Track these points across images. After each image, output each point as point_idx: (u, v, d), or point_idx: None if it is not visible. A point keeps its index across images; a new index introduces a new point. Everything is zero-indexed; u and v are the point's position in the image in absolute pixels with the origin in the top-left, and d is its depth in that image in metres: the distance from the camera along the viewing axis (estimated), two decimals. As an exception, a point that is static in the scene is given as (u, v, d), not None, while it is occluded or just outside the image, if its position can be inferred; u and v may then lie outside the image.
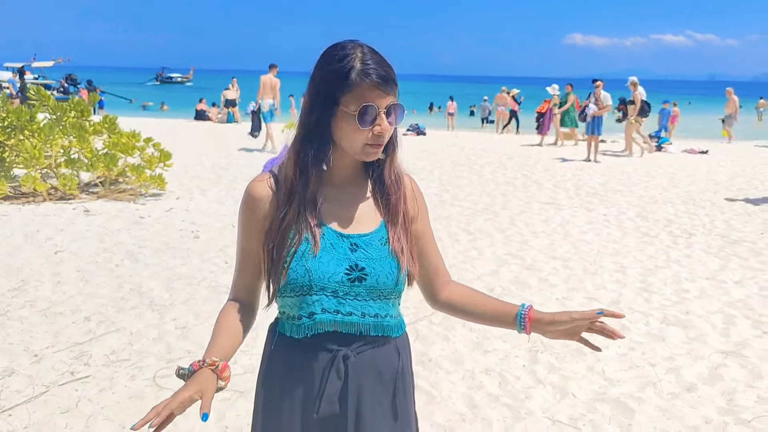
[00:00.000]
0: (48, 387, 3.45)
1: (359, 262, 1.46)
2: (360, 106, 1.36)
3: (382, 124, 1.38)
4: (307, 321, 1.45)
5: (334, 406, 1.46)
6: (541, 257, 6.34)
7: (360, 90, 1.36)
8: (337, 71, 1.38)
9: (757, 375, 3.83)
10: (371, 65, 1.37)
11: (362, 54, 1.39)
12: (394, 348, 1.55)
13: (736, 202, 9.53)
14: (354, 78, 1.36)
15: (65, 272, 5.37)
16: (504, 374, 3.78)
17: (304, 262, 1.42)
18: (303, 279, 1.42)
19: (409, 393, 1.61)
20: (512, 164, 13.22)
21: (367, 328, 1.48)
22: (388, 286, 1.48)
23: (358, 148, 1.41)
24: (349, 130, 1.39)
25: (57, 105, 9.10)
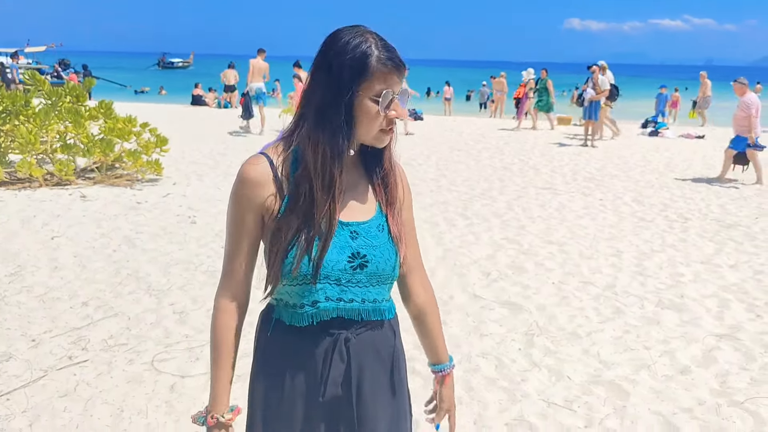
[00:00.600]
0: (46, 371, 3.47)
1: (360, 249, 1.47)
2: (380, 91, 1.39)
3: (398, 108, 1.42)
4: (311, 309, 1.45)
5: (338, 388, 1.49)
6: (538, 242, 6.36)
7: (379, 76, 1.39)
8: (357, 59, 1.38)
9: (750, 357, 3.87)
10: (387, 52, 1.40)
11: (375, 40, 1.41)
12: (390, 328, 1.59)
13: (732, 187, 9.55)
14: (374, 64, 1.38)
15: (62, 258, 5.37)
16: (500, 357, 3.81)
17: (307, 252, 1.42)
18: (306, 268, 1.42)
19: (403, 370, 1.65)
20: (509, 149, 13.21)
21: (367, 313, 1.51)
22: (387, 272, 1.50)
23: (373, 133, 1.43)
24: (368, 116, 1.40)
25: (52, 90, 9.05)
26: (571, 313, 4.53)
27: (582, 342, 4.06)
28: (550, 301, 4.76)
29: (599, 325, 4.34)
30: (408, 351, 3.80)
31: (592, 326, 4.32)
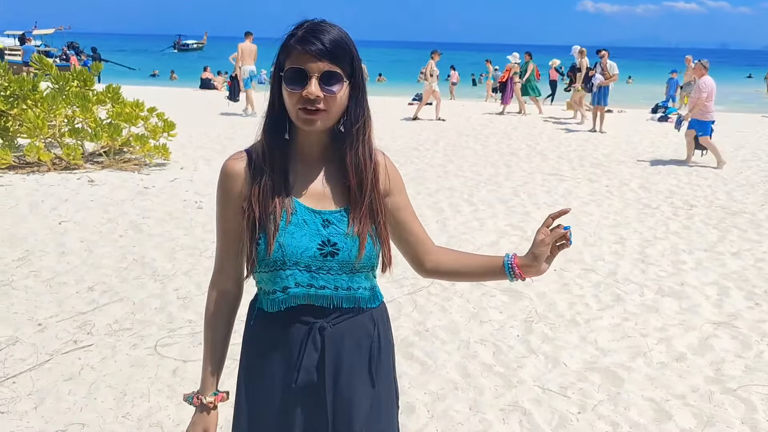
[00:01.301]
0: (52, 355, 3.56)
1: (331, 237, 1.49)
2: (290, 69, 1.42)
3: (310, 87, 1.39)
4: (281, 295, 1.50)
5: (312, 375, 1.52)
6: (541, 228, 6.37)
7: (294, 55, 1.42)
8: (283, 42, 1.46)
9: (746, 345, 3.89)
10: (309, 33, 1.42)
11: (308, 25, 1.44)
12: (370, 318, 1.59)
13: (740, 173, 9.50)
14: (291, 44, 1.43)
15: (69, 242, 5.46)
16: (498, 344, 3.86)
17: (277, 238, 1.46)
18: (276, 254, 1.46)
19: (387, 360, 1.65)
20: (517, 134, 13.17)
21: (340, 301, 1.53)
22: (350, 264, 1.51)
23: (294, 113, 1.44)
24: (285, 95, 1.44)
25: (59, 74, 9.11)
26: (571, 300, 4.56)
27: (580, 329, 4.10)
28: (551, 288, 4.79)
29: (598, 313, 4.37)
30: (407, 337, 3.88)
31: (592, 313, 4.35)
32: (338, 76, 1.42)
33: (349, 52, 1.45)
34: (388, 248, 1.58)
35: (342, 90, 1.44)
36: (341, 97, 1.45)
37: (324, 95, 1.41)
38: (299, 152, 1.54)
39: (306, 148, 1.53)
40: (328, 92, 1.41)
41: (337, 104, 1.44)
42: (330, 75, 1.41)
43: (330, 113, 1.44)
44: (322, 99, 1.41)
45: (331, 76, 1.41)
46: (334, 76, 1.42)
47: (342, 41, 1.44)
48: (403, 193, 1.66)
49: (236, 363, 1.62)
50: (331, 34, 1.42)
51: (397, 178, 1.64)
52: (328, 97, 1.42)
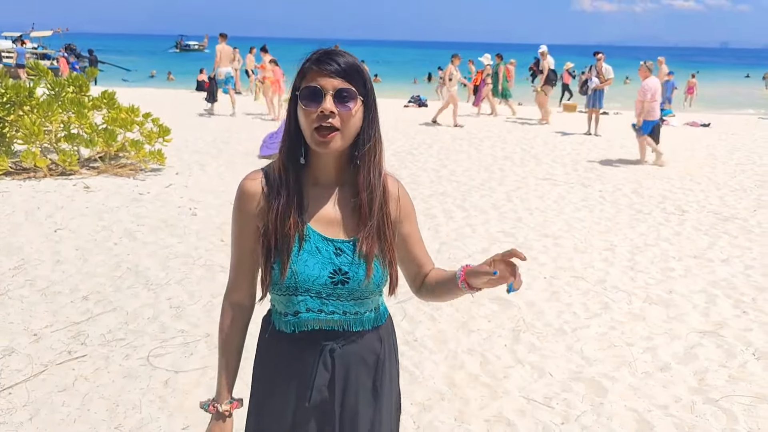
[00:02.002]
0: (46, 366, 3.61)
1: (343, 266, 1.55)
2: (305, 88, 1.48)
3: (325, 103, 1.44)
4: (293, 319, 1.58)
5: (323, 394, 1.60)
6: (533, 235, 6.44)
7: (309, 75, 1.49)
8: (300, 67, 1.53)
9: (731, 355, 3.95)
10: (324, 56, 1.49)
11: (323, 50, 1.52)
12: (377, 337, 1.67)
13: (733, 178, 9.57)
14: (307, 66, 1.50)
15: (64, 251, 5.51)
16: (485, 354, 3.92)
17: (291, 265, 1.53)
18: (289, 281, 1.53)
19: (392, 375, 1.74)
20: (512, 138, 13.23)
21: (349, 324, 1.61)
22: (369, 289, 1.57)
23: (309, 133, 1.48)
24: (300, 115, 1.49)
25: (55, 80, 9.16)
26: (560, 309, 4.62)
27: (567, 338, 4.16)
28: (540, 296, 4.85)
29: (586, 321, 4.43)
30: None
31: (579, 322, 4.41)
32: (352, 93, 1.47)
33: (362, 74, 1.51)
34: (395, 271, 1.64)
35: (356, 107, 1.48)
36: (356, 115, 1.49)
37: (338, 111, 1.46)
38: (314, 176, 1.59)
39: (321, 171, 1.58)
40: (343, 109, 1.46)
41: (351, 123, 1.49)
42: (344, 92, 1.47)
43: (344, 132, 1.48)
44: (336, 115, 1.46)
45: (345, 94, 1.47)
46: (348, 93, 1.47)
47: (355, 64, 1.51)
48: (412, 222, 1.71)
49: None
50: (344, 57, 1.50)
51: (408, 207, 1.69)
52: (343, 114, 1.46)
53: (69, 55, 30.06)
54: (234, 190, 1.63)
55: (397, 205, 1.64)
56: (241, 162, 9.80)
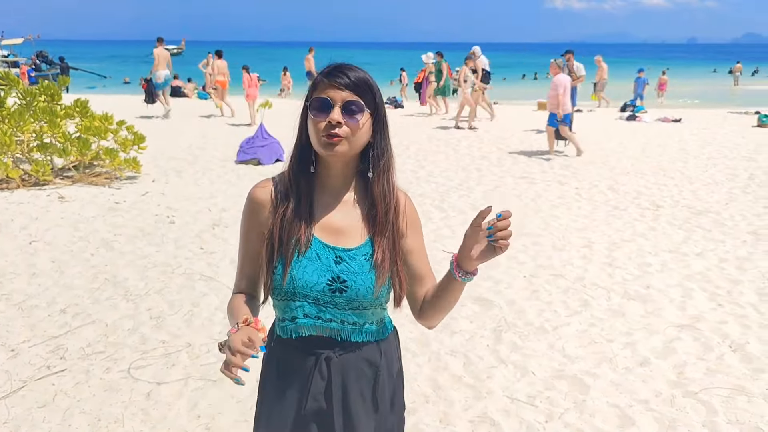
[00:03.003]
0: (25, 382, 3.55)
1: (341, 274, 1.57)
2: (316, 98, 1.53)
3: (333, 114, 1.49)
4: (290, 324, 1.62)
5: (320, 402, 1.63)
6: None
7: (320, 87, 1.54)
8: (314, 80, 1.59)
9: (708, 348, 4.03)
10: (336, 69, 1.55)
11: (336, 64, 1.57)
12: (377, 350, 1.68)
13: (705, 172, 9.73)
14: (319, 79, 1.56)
15: (40, 263, 5.43)
16: (468, 355, 3.94)
17: (290, 270, 1.55)
18: (288, 285, 1.56)
19: (395, 390, 1.75)
20: (488, 137, 13.31)
21: (347, 334, 1.63)
22: (366, 299, 1.58)
23: (316, 141, 1.53)
24: (309, 125, 1.55)
25: (27, 90, 9.01)
26: (540, 308, 4.67)
27: (548, 336, 4.20)
28: (521, 295, 4.90)
29: (566, 319, 4.48)
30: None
31: (560, 320, 4.46)
32: (360, 106, 1.52)
33: (371, 88, 1.55)
34: (401, 284, 1.64)
35: (363, 119, 1.53)
36: (363, 127, 1.54)
37: (346, 122, 1.50)
38: (323, 184, 1.63)
39: (329, 179, 1.62)
40: (350, 120, 1.51)
41: (358, 134, 1.53)
42: (352, 104, 1.51)
43: (351, 141, 1.53)
44: (343, 125, 1.50)
45: (353, 106, 1.51)
46: (356, 106, 1.52)
47: (366, 78, 1.55)
48: (418, 236, 1.71)
49: (210, 382, 1.68)
50: (355, 72, 1.55)
51: (415, 221, 1.71)
52: (350, 125, 1.51)
53: (40, 63, 29.66)
54: (211, 197, 1.66)
55: (404, 219, 1.67)
56: (217, 168, 9.73)
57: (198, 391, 3.45)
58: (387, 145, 1.61)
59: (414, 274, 1.69)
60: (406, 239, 1.67)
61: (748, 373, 3.72)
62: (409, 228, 1.67)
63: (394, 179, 1.64)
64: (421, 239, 1.72)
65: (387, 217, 1.61)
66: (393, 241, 1.62)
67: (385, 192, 1.61)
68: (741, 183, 8.93)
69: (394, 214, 1.63)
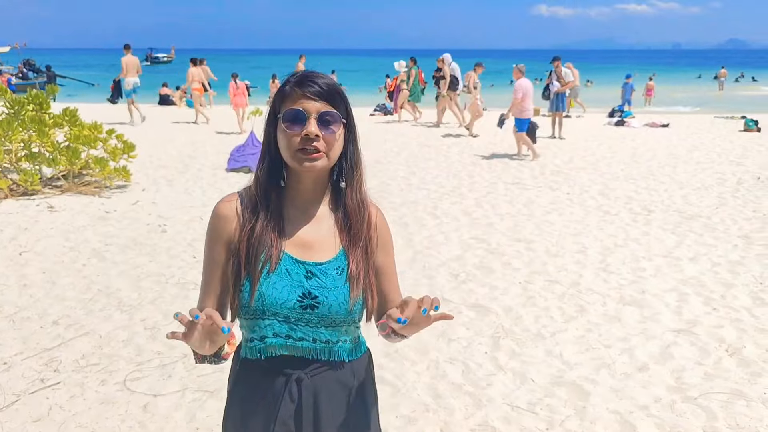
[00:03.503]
0: (19, 396, 3.49)
1: (312, 290, 1.50)
2: (287, 110, 1.46)
3: (309, 126, 1.43)
4: (259, 344, 1.53)
5: (289, 426, 1.53)
6: (505, 240, 6.49)
7: (291, 98, 1.47)
8: (279, 89, 1.51)
9: (705, 352, 4.04)
10: (305, 78, 1.48)
11: (303, 72, 1.50)
12: (350, 370, 1.60)
13: (694, 176, 9.80)
14: (287, 88, 1.49)
15: (31, 274, 5.36)
16: (467, 362, 3.92)
17: (258, 287, 1.48)
18: (257, 303, 1.47)
19: (367, 409, 1.66)
20: (478, 143, 13.35)
21: (318, 353, 1.54)
22: (340, 315, 1.51)
23: (290, 155, 1.46)
24: (281, 138, 1.48)
25: (15, 98, 8.93)
26: (537, 314, 4.66)
27: (546, 343, 4.19)
28: (517, 301, 4.89)
29: (563, 325, 4.48)
30: (377, 359, 3.91)
31: (556, 326, 4.46)
32: (335, 116, 1.47)
33: (342, 97, 1.50)
34: (372, 297, 1.59)
35: (339, 131, 1.48)
36: (339, 139, 1.49)
37: (323, 135, 1.45)
38: (292, 197, 1.56)
39: (299, 193, 1.55)
40: (327, 132, 1.45)
41: (335, 146, 1.48)
42: (327, 115, 1.46)
43: (329, 154, 1.48)
44: (321, 138, 1.45)
45: (328, 117, 1.46)
46: (331, 117, 1.46)
47: (336, 86, 1.50)
48: (388, 253, 1.65)
49: (208, 393, 1.64)
50: (325, 79, 1.49)
51: (385, 236, 1.65)
52: (327, 138, 1.46)
53: (27, 71, 29.49)
54: (203, 205, 1.62)
55: (375, 233, 1.61)
56: (208, 177, 9.68)
57: (195, 402, 3.40)
58: (358, 155, 1.57)
59: (381, 293, 1.63)
60: (376, 257, 1.61)
61: (745, 378, 3.73)
62: (380, 245, 1.62)
63: (365, 188, 1.60)
64: (391, 259, 1.66)
65: (359, 227, 1.56)
66: (366, 254, 1.57)
67: (359, 203, 1.57)
68: (730, 187, 9.00)
69: (367, 225, 1.58)
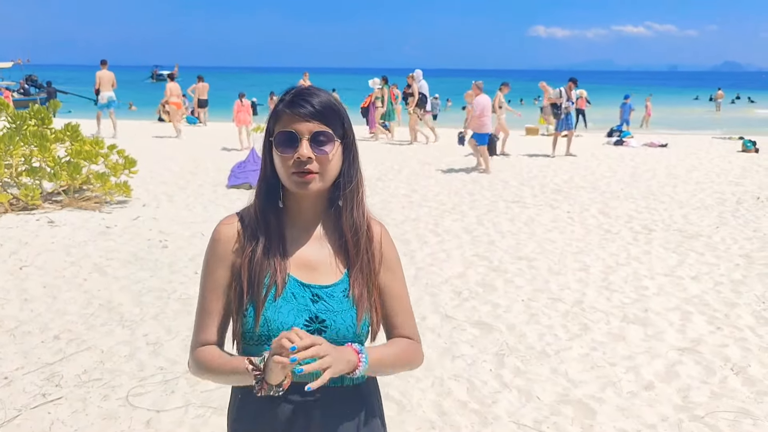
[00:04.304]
0: (20, 411, 3.46)
1: (320, 314, 1.46)
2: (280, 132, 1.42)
3: (301, 149, 1.39)
4: None
5: None
6: (507, 258, 6.49)
7: (283, 119, 1.43)
8: (273, 109, 1.48)
9: (710, 371, 4.02)
10: (297, 97, 1.43)
11: (296, 90, 1.46)
12: (357, 394, 1.55)
13: (694, 196, 9.83)
14: (280, 109, 1.45)
15: (32, 288, 5.33)
16: (472, 380, 3.90)
17: (263, 312, 1.43)
18: (262, 329, 1.43)
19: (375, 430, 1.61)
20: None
21: None
22: (347, 338, 1.46)
23: (286, 177, 1.43)
24: (276, 160, 1.44)
25: (16, 114, 8.95)
26: (540, 332, 4.65)
27: (551, 360, 4.17)
28: (520, 319, 4.87)
29: (567, 343, 4.46)
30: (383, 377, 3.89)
31: (561, 344, 4.44)
32: (329, 136, 1.42)
33: (338, 113, 1.45)
34: (377, 316, 1.55)
35: (334, 150, 1.43)
36: (334, 158, 1.44)
37: (316, 156, 1.40)
38: (292, 218, 1.52)
39: (300, 214, 1.51)
40: (320, 153, 1.41)
41: (330, 165, 1.44)
42: (321, 135, 1.41)
43: (324, 175, 1.43)
44: (314, 160, 1.40)
45: (321, 137, 1.41)
46: (325, 136, 1.41)
47: (331, 103, 1.45)
48: (394, 272, 1.59)
49: (211, 409, 1.61)
50: (319, 97, 1.43)
51: (391, 259, 1.59)
52: (321, 158, 1.41)
53: (29, 87, 29.71)
54: (203, 221, 1.58)
55: (379, 251, 1.56)
56: (209, 193, 9.68)
57: (199, 418, 3.37)
58: (356, 171, 1.51)
59: (386, 315, 1.57)
60: (381, 276, 1.55)
61: (751, 396, 3.71)
62: (385, 266, 1.56)
63: (365, 206, 1.54)
64: (398, 278, 1.59)
65: (358, 247, 1.51)
66: (368, 273, 1.52)
67: (353, 220, 1.51)
68: (730, 207, 9.02)
69: (367, 243, 1.53)
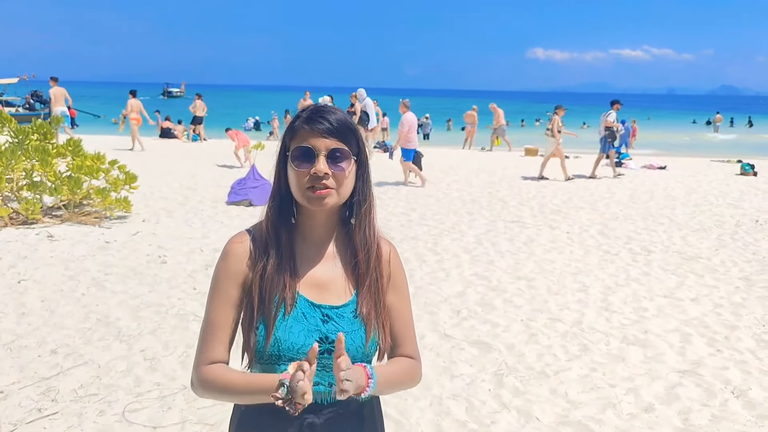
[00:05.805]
0: (15, 425, 3.42)
1: (330, 334, 1.46)
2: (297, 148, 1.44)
3: (318, 165, 1.41)
4: None
5: None
6: (507, 277, 6.48)
7: (300, 135, 1.45)
8: (289, 125, 1.49)
9: (711, 394, 4.00)
10: (315, 114, 1.46)
11: (313, 108, 1.49)
12: (361, 413, 1.55)
13: (693, 218, 9.85)
14: (297, 125, 1.47)
15: (30, 302, 5.31)
16: (470, 399, 3.88)
17: (274, 331, 1.43)
18: (272, 348, 1.43)
19: None
20: (478, 182, 13.43)
21: (334, 397, 1.48)
22: (356, 359, 1.46)
23: (300, 193, 1.44)
24: (291, 175, 1.46)
25: (19, 128, 8.98)
26: (540, 352, 4.63)
27: (550, 381, 4.15)
28: (519, 339, 4.86)
29: (567, 363, 4.44)
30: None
31: (560, 365, 4.42)
32: (346, 153, 1.44)
33: (354, 132, 1.48)
34: (385, 334, 1.55)
35: (350, 167, 1.45)
36: (350, 175, 1.46)
37: (332, 172, 1.42)
38: (304, 235, 1.53)
39: (311, 230, 1.52)
40: (336, 169, 1.43)
41: (346, 182, 1.46)
42: (338, 152, 1.43)
43: (339, 191, 1.45)
44: (330, 176, 1.42)
45: (338, 154, 1.43)
46: (341, 153, 1.44)
47: (347, 121, 1.48)
48: (400, 292, 1.60)
49: (208, 426, 1.61)
50: (336, 115, 1.46)
51: (399, 279, 1.60)
52: (337, 175, 1.43)
53: (34, 102, 29.94)
54: (203, 237, 1.58)
55: (388, 269, 1.58)
56: (208, 209, 9.68)
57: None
58: (369, 189, 1.54)
59: (392, 336, 1.58)
60: (387, 296, 1.57)
61: (752, 420, 3.69)
62: (392, 285, 1.58)
63: (376, 225, 1.56)
64: (404, 298, 1.61)
65: (368, 264, 1.53)
66: (376, 291, 1.53)
67: (366, 239, 1.53)
68: (729, 229, 9.03)
69: (376, 262, 1.54)
